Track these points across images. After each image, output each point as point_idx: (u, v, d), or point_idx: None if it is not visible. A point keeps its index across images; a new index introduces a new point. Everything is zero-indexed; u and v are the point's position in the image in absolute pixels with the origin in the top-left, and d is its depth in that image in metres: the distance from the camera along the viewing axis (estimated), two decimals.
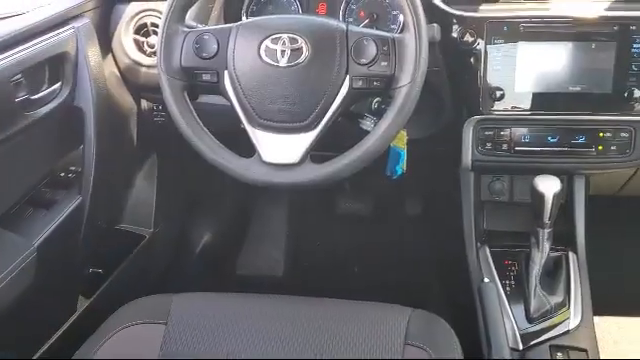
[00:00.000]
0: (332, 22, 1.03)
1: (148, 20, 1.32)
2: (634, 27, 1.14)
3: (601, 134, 1.23)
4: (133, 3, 1.32)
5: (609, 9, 1.15)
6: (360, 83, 1.00)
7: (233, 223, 1.99)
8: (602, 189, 1.42)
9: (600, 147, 1.23)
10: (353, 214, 2.01)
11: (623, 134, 1.22)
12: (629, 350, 1.64)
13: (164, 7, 1.04)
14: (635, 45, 1.15)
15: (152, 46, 1.32)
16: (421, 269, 1.81)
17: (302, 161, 1.01)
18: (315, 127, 1.00)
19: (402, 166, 1.27)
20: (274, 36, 1.00)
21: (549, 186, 1.15)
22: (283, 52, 0.99)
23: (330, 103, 1.00)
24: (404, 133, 1.24)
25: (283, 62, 0.99)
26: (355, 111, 1.16)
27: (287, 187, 1.02)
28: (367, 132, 1.03)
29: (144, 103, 1.45)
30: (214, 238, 1.91)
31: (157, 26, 1.28)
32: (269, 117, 1.01)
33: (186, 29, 1.04)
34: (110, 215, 1.53)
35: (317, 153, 1.03)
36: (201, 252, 1.87)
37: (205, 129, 1.05)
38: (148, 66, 1.33)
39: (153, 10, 1.31)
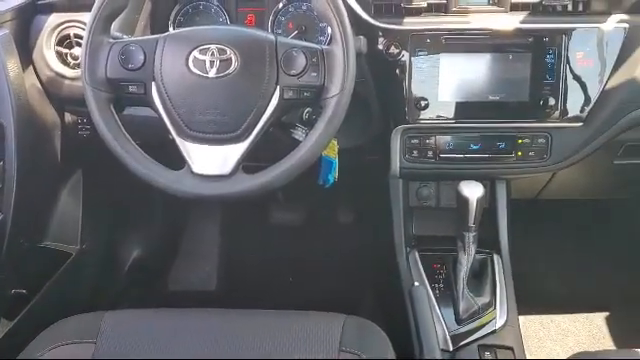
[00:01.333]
0: (261, 33, 1.04)
1: (71, 31, 1.28)
2: (547, 39, 1.21)
3: (520, 140, 1.29)
4: (55, 14, 1.28)
5: (524, 22, 1.21)
6: (291, 93, 1.01)
7: (164, 238, 1.95)
8: (523, 193, 1.49)
9: (519, 153, 1.29)
10: (287, 224, 2.01)
11: (540, 140, 1.28)
12: (552, 347, 1.72)
13: (88, 18, 1.01)
14: (548, 56, 1.21)
15: (76, 58, 1.28)
16: (354, 276, 1.83)
17: (234, 172, 1.01)
18: (246, 138, 1.01)
19: (334, 175, 1.29)
20: (202, 47, 1.00)
21: (473, 191, 1.20)
22: (212, 63, 0.99)
23: (261, 114, 1.00)
24: (335, 142, 1.26)
25: (212, 73, 0.99)
26: (286, 121, 1.17)
27: (218, 199, 1.02)
28: (299, 142, 1.04)
29: (68, 116, 1.40)
30: (144, 253, 1.86)
31: (81, 37, 1.25)
32: (199, 128, 1.00)
33: (111, 40, 1.02)
34: (33, 233, 1.47)
35: (249, 164, 1.03)
36: (131, 268, 1.82)
37: (132, 142, 1.03)
38: (72, 78, 1.29)
39: (76, 21, 1.27)
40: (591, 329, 1.76)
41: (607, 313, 1.79)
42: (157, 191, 1.03)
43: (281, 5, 1.32)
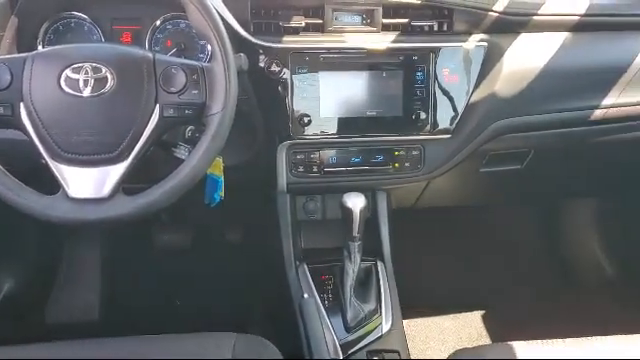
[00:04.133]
0: (138, 51, 1.02)
1: None
2: (416, 57, 1.29)
3: (396, 153, 1.36)
4: None
5: (395, 41, 1.28)
6: (171, 111, 1.00)
7: (40, 268, 1.82)
8: (402, 202, 1.57)
9: (396, 164, 1.36)
10: (173, 246, 1.96)
11: (414, 152, 1.36)
12: (435, 347, 1.81)
13: None
14: (418, 73, 1.29)
15: None
16: (245, 294, 1.82)
17: (113, 194, 0.97)
18: (126, 158, 0.98)
19: (220, 193, 1.28)
20: (75, 65, 0.96)
21: (355, 202, 1.24)
22: (86, 82, 0.96)
23: (140, 133, 0.98)
24: (220, 160, 1.25)
25: (87, 92, 0.96)
26: (168, 140, 1.15)
27: (98, 223, 0.97)
28: (182, 161, 1.02)
29: None
30: (18, 286, 1.73)
31: None
32: (74, 150, 0.96)
33: None
34: None
35: (130, 186, 1.00)
36: (3, 302, 1.68)
37: (1, 167, 0.97)
38: None
39: None
40: (470, 327, 1.88)
41: (484, 311, 1.92)
42: (30, 218, 0.97)
43: (158, 22, 1.30)
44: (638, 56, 1.34)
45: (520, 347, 1.08)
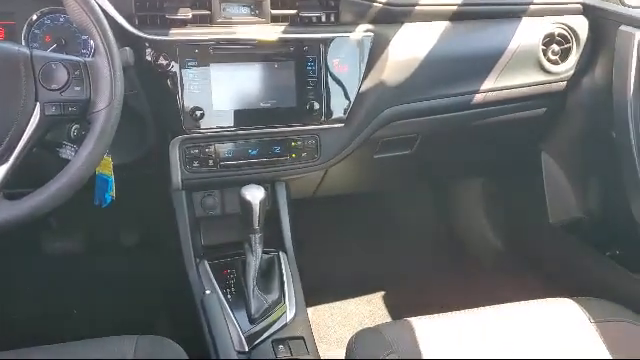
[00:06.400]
0: (13, 47, 0.97)
1: None
2: (307, 48, 1.30)
3: (293, 143, 1.37)
4: None
5: (285, 32, 1.29)
6: (53, 109, 0.96)
7: None
8: (302, 192, 1.59)
9: (293, 155, 1.37)
10: (64, 252, 1.86)
11: (310, 142, 1.38)
12: (339, 331, 1.86)
13: None
14: (309, 64, 1.31)
15: None
16: (146, 295, 1.77)
17: None
18: (6, 160, 0.93)
19: (111, 193, 1.23)
20: None
21: (254, 195, 1.24)
22: None
23: (21, 133, 0.93)
24: (109, 159, 1.21)
25: None
26: (52, 140, 1.09)
27: None
28: (68, 161, 0.98)
29: None
30: None
31: None
32: None
33: None
34: None
35: (12, 191, 0.94)
36: None
37: None
38: None
39: None
40: (372, 308, 1.94)
41: (385, 292, 1.99)
42: None
43: (35, 17, 1.22)
44: (511, 42, 1.43)
45: (418, 321, 1.14)
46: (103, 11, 1.02)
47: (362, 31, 1.34)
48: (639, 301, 1.34)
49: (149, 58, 1.21)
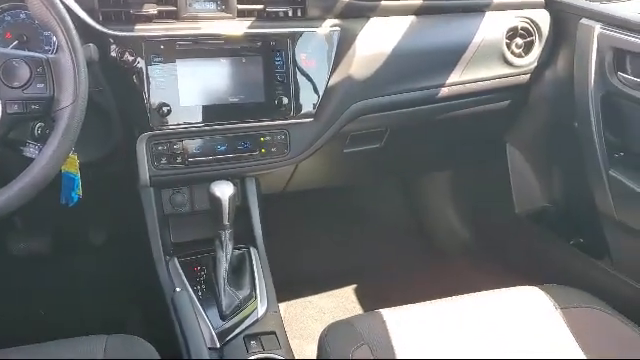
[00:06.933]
0: None
1: None
2: (274, 42, 1.30)
3: (262, 138, 1.36)
4: None
5: (251, 27, 1.28)
6: (15, 107, 0.94)
7: None
8: (272, 187, 1.59)
9: (263, 150, 1.37)
10: (30, 253, 1.83)
11: (280, 137, 1.38)
12: (313, 326, 1.86)
13: None
14: (277, 58, 1.31)
15: None
16: (116, 294, 1.75)
17: None
18: None
19: (78, 192, 1.22)
20: None
21: (224, 191, 1.24)
22: None
23: None
24: (75, 157, 1.19)
25: None
26: (15, 138, 1.07)
27: None
28: (32, 160, 0.97)
29: None
30: None
31: None
32: None
33: None
34: None
35: None
36: None
37: None
38: None
39: None
40: (344, 302, 1.95)
41: (357, 285, 2.01)
42: None
43: None
44: (476, 36, 1.46)
45: (389, 313, 1.15)
46: (65, 7, 1.01)
47: (329, 26, 1.34)
48: (603, 287, 1.38)
49: (114, 54, 1.19)
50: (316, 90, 1.36)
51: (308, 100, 1.36)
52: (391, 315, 1.15)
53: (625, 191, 1.36)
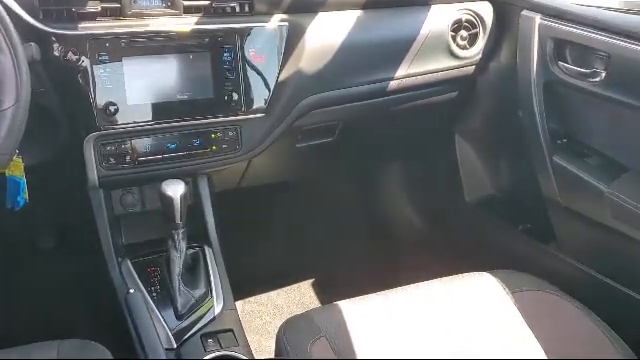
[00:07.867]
0: None
1: None
2: (221, 38, 1.29)
3: (213, 135, 1.35)
4: None
5: (198, 23, 1.27)
6: None
7: None
8: (225, 184, 1.58)
9: (214, 147, 1.35)
10: None
11: (231, 133, 1.37)
12: (271, 322, 1.87)
13: None
14: (225, 54, 1.30)
15: None
16: (69, 298, 1.71)
17: None
18: None
19: (24, 195, 1.18)
20: None
21: (175, 189, 1.23)
22: None
23: None
24: (19, 160, 1.16)
25: None
26: None
27: None
28: None
29: None
30: None
31: None
32: None
33: None
34: None
35: None
36: None
37: None
38: None
39: None
40: (303, 297, 1.97)
41: (314, 279, 2.02)
42: None
43: None
44: (422, 29, 1.48)
45: (346, 304, 1.17)
46: (3, 5, 0.98)
47: (277, 21, 1.34)
48: (551, 270, 1.43)
49: (57, 53, 1.15)
50: (267, 85, 1.35)
51: (259, 95, 1.35)
52: (348, 307, 1.16)
53: (568, 176, 1.41)
